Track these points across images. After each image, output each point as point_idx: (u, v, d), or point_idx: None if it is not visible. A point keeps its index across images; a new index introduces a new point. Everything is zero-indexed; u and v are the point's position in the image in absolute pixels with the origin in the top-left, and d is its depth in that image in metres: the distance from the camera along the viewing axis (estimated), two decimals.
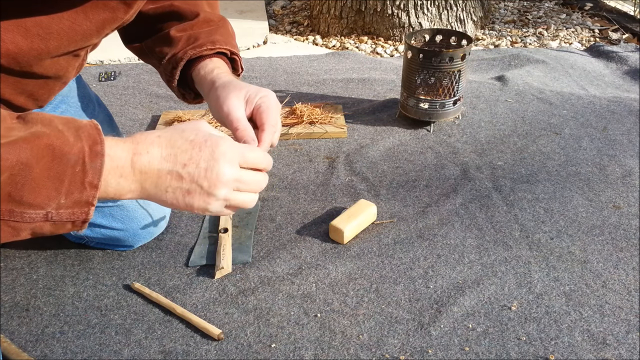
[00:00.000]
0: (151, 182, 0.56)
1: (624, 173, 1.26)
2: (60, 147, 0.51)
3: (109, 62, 1.93)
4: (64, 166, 0.51)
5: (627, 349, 0.83)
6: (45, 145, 0.50)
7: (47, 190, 0.50)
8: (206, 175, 0.57)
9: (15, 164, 0.48)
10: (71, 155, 0.51)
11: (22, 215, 0.50)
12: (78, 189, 0.51)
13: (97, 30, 0.56)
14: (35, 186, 0.50)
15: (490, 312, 0.90)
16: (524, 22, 2.40)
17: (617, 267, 0.99)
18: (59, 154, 0.51)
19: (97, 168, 0.52)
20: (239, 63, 0.83)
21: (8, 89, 0.55)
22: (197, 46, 0.77)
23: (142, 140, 0.56)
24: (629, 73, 1.82)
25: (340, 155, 1.35)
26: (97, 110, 0.97)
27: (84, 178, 0.51)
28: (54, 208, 0.51)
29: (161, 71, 0.82)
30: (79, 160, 0.51)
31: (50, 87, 0.62)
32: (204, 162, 0.57)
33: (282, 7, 2.63)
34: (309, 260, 1.01)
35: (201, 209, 0.59)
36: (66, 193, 0.51)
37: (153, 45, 0.81)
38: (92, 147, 0.52)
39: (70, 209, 0.52)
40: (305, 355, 0.83)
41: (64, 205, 0.51)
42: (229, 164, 0.58)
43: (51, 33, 0.52)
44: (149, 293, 0.93)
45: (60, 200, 0.51)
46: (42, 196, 0.50)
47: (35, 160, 0.49)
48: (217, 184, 0.57)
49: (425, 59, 1.36)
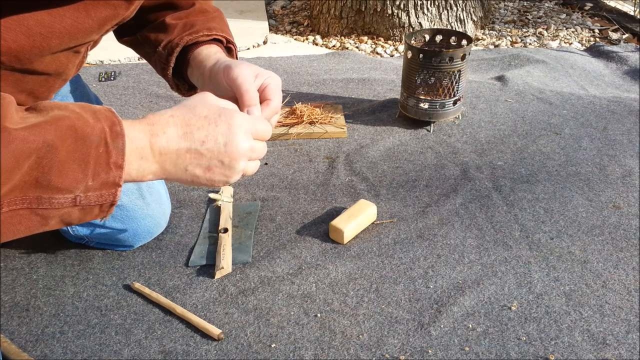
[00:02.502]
0: (171, 162, 0.57)
1: (624, 173, 1.26)
2: (82, 127, 0.50)
3: (109, 62, 1.93)
4: (87, 147, 0.50)
5: (627, 349, 0.83)
6: (68, 126, 0.49)
7: (74, 173, 0.49)
8: (226, 150, 0.58)
9: (41, 145, 0.47)
10: (93, 136, 0.51)
11: (50, 201, 0.49)
12: (104, 170, 0.51)
13: (98, 27, 0.56)
14: (62, 169, 0.49)
15: (490, 312, 0.90)
16: (524, 22, 2.40)
17: (617, 267, 0.99)
18: (81, 135, 0.50)
19: (120, 148, 0.52)
20: (234, 53, 0.82)
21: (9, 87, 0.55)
22: (194, 32, 0.76)
23: (157, 121, 0.56)
24: (629, 73, 1.82)
25: (340, 155, 1.35)
26: None
27: (109, 159, 0.51)
28: (82, 191, 0.50)
29: (156, 59, 0.80)
30: (101, 141, 0.51)
31: (51, 84, 0.62)
32: (221, 136, 0.57)
33: (282, 7, 2.63)
34: (309, 260, 1.01)
35: (222, 182, 0.60)
36: (93, 175, 0.50)
37: (148, 34, 0.79)
38: (112, 127, 0.52)
39: (98, 191, 0.51)
40: (305, 355, 0.83)
41: (91, 187, 0.51)
42: (245, 136, 0.59)
43: (53, 31, 0.52)
44: (149, 293, 0.93)
45: (88, 182, 0.50)
46: (70, 179, 0.49)
47: (60, 141, 0.49)
48: (237, 156, 0.58)
49: (425, 59, 1.36)
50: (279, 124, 1.44)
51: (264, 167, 1.30)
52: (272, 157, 1.34)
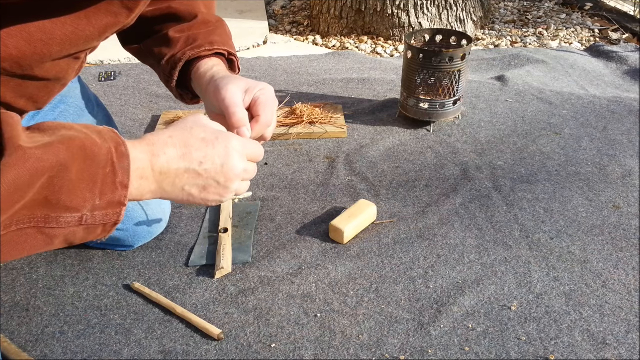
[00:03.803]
0: (169, 182, 0.59)
1: (624, 173, 1.26)
2: (91, 147, 0.51)
3: (109, 62, 1.93)
4: (96, 167, 0.51)
5: (627, 349, 0.83)
6: (79, 146, 0.51)
7: (83, 192, 0.51)
8: (222, 170, 0.61)
9: (55, 165, 0.48)
10: (101, 156, 0.52)
11: (57, 220, 0.50)
12: (110, 190, 0.52)
13: (99, 35, 0.56)
14: (72, 188, 0.50)
15: (490, 312, 0.90)
16: (524, 22, 2.40)
17: (617, 267, 0.99)
18: (90, 155, 0.51)
19: (125, 168, 0.53)
20: (236, 64, 0.84)
21: (9, 92, 0.55)
22: (196, 47, 0.78)
23: (156, 142, 0.58)
24: (629, 73, 1.82)
25: (340, 155, 1.35)
26: (96, 110, 0.97)
27: (115, 178, 0.53)
28: (89, 210, 0.52)
29: (159, 71, 0.82)
30: (108, 161, 0.52)
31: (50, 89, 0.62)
32: (218, 158, 0.60)
33: (282, 7, 2.63)
34: (309, 260, 1.01)
35: (215, 202, 0.63)
36: (100, 194, 0.52)
37: (152, 46, 0.81)
38: (118, 148, 0.53)
39: (104, 210, 0.52)
40: (305, 355, 0.83)
41: (98, 206, 0.52)
42: (240, 158, 0.62)
43: (54, 38, 0.52)
44: (149, 293, 0.93)
45: (96, 201, 0.52)
46: (79, 198, 0.50)
47: (72, 161, 0.50)
48: (233, 177, 0.62)
49: (425, 59, 1.36)
50: (279, 124, 1.44)
51: (264, 167, 1.30)
52: (272, 157, 1.34)
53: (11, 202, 0.46)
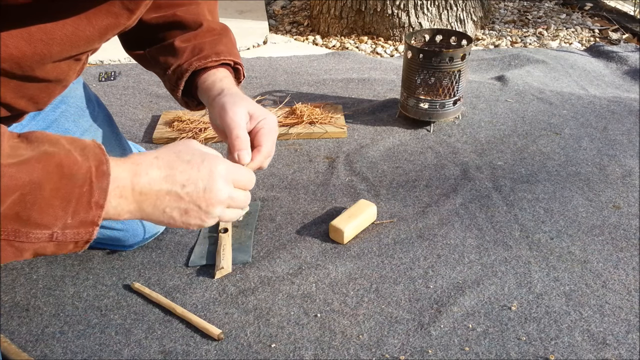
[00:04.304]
0: (149, 203, 0.57)
1: (624, 173, 1.26)
2: (69, 166, 0.51)
3: (109, 62, 1.93)
4: (72, 186, 0.51)
5: (627, 349, 0.83)
6: (56, 164, 0.51)
7: (55, 210, 0.50)
8: (204, 195, 0.59)
9: (27, 183, 0.48)
10: (79, 175, 0.52)
11: (27, 235, 0.50)
12: (84, 209, 0.52)
13: (99, 36, 0.56)
14: (44, 206, 0.50)
15: (490, 312, 0.90)
16: (524, 22, 2.40)
17: (617, 267, 0.99)
18: (67, 173, 0.51)
19: (103, 188, 0.53)
20: (241, 72, 0.84)
21: (9, 93, 0.55)
22: (202, 57, 0.78)
23: (142, 162, 0.57)
24: (629, 73, 1.82)
25: (340, 155, 1.35)
26: (96, 110, 0.97)
27: (91, 198, 0.52)
28: (60, 228, 0.51)
29: (165, 80, 0.83)
30: (86, 180, 0.52)
31: (51, 90, 0.62)
32: (201, 182, 0.59)
33: (282, 7, 2.63)
34: (309, 260, 1.01)
35: (197, 226, 0.61)
36: (73, 213, 0.51)
37: (157, 55, 0.81)
38: (99, 167, 0.53)
39: (75, 229, 0.52)
40: (305, 355, 0.83)
41: (70, 225, 0.52)
42: (225, 183, 0.60)
43: (54, 38, 0.52)
44: (149, 293, 0.93)
45: (67, 220, 0.51)
46: (50, 216, 0.50)
47: (46, 179, 0.50)
48: (215, 202, 0.60)
49: (425, 59, 1.36)
50: (279, 124, 1.44)
51: None
52: (272, 157, 1.34)
53: None
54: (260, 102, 1.61)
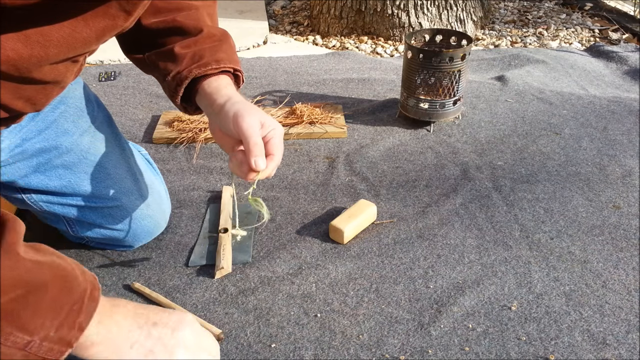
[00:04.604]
0: (121, 335, 0.60)
1: (624, 173, 1.26)
2: (71, 280, 0.55)
3: (109, 62, 1.93)
4: (68, 299, 0.54)
5: (627, 349, 0.83)
6: (62, 275, 0.54)
7: (44, 318, 0.52)
8: (173, 335, 0.63)
9: (37, 282, 0.51)
10: (77, 292, 0.55)
11: (7, 336, 0.50)
12: (68, 326, 0.54)
13: (97, 38, 0.56)
14: (38, 310, 0.51)
15: (490, 312, 0.90)
16: (524, 22, 2.40)
17: (617, 267, 0.99)
18: (68, 287, 0.54)
19: (90, 312, 0.56)
20: (241, 78, 0.85)
21: (7, 95, 0.55)
22: (202, 65, 0.78)
23: (121, 300, 0.63)
24: (629, 73, 1.82)
25: (340, 155, 1.35)
26: (95, 111, 0.97)
27: (77, 318, 0.54)
28: (40, 338, 0.52)
29: (164, 86, 0.83)
30: (79, 300, 0.55)
31: (49, 91, 0.62)
32: (172, 323, 0.64)
33: (282, 7, 2.64)
34: (309, 260, 1.01)
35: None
36: (58, 326, 0.53)
37: (156, 60, 0.82)
38: (92, 291, 0.57)
39: (52, 344, 0.53)
40: (305, 355, 0.83)
41: (49, 338, 0.53)
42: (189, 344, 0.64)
43: (51, 41, 0.52)
44: (149, 293, 0.93)
45: (50, 332, 0.53)
46: (38, 322, 0.52)
47: (52, 286, 0.52)
48: (177, 350, 0.63)
49: (425, 59, 1.36)
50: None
51: None
52: None
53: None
54: (260, 102, 1.61)
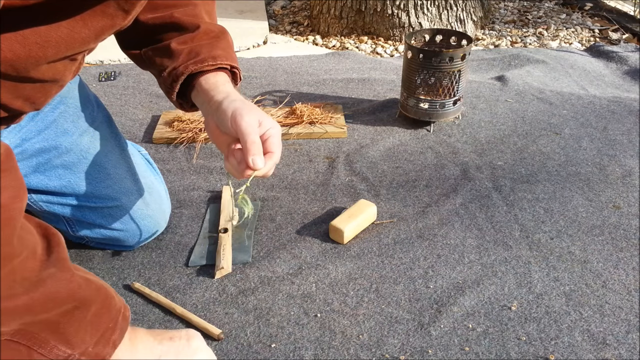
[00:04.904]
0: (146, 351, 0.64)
1: (624, 173, 1.26)
2: (109, 300, 0.58)
3: (109, 62, 1.93)
4: (107, 317, 0.57)
5: (627, 349, 0.83)
6: (105, 294, 0.57)
7: (85, 334, 0.54)
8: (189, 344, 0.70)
9: (84, 298, 0.53)
10: (114, 310, 0.58)
11: (52, 349, 0.52)
12: (104, 342, 0.57)
13: (95, 37, 0.56)
14: (82, 325, 0.54)
15: (490, 312, 0.90)
16: (524, 22, 2.40)
17: (617, 267, 0.99)
18: (108, 305, 0.57)
19: (123, 330, 0.59)
20: (238, 75, 0.84)
21: (5, 94, 0.55)
22: (199, 61, 0.77)
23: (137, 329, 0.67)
24: (629, 73, 1.82)
25: (340, 155, 1.35)
26: (95, 111, 0.97)
27: (112, 335, 0.57)
28: (80, 353, 0.55)
29: (160, 82, 0.82)
30: (115, 318, 0.58)
31: (47, 90, 0.62)
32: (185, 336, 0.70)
33: (282, 7, 2.63)
34: (309, 260, 1.01)
35: None
36: (96, 342, 0.56)
37: (153, 56, 0.81)
38: (125, 311, 0.61)
39: (89, 359, 0.56)
40: (305, 355, 0.83)
41: (88, 353, 0.55)
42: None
43: (49, 41, 0.51)
44: (149, 293, 0.93)
45: (89, 347, 0.55)
46: (79, 338, 0.54)
47: (95, 303, 0.55)
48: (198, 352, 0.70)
49: (425, 59, 1.36)
50: (279, 124, 1.44)
51: None
52: None
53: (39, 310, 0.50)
54: (260, 102, 1.61)
